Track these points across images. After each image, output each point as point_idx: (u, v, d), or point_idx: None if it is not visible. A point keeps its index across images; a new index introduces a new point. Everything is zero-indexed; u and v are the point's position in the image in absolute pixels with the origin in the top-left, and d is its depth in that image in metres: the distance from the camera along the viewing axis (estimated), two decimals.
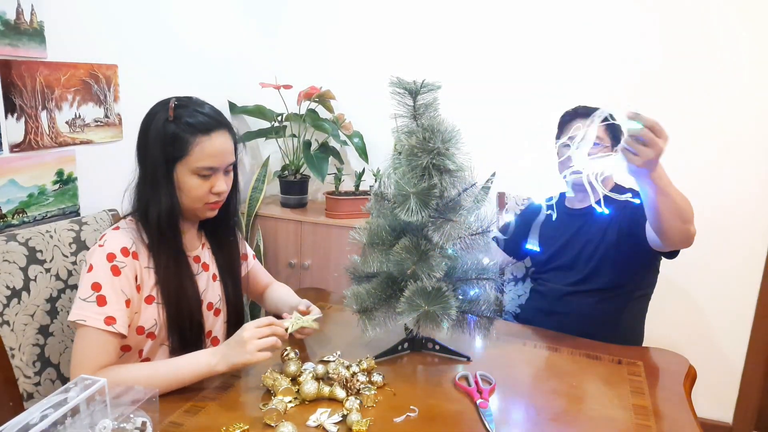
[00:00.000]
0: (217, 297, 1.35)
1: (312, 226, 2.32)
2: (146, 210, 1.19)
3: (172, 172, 1.17)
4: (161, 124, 1.17)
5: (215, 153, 1.18)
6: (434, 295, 1.12)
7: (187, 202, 1.21)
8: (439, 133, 1.12)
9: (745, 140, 2.07)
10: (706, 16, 2.05)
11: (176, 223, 1.21)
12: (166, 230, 1.19)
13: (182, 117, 1.17)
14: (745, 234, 2.13)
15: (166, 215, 1.18)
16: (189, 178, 1.18)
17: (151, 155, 1.17)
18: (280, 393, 1.08)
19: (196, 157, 1.16)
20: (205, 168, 1.18)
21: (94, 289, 1.11)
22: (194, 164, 1.17)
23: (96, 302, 1.10)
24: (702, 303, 2.21)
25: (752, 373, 2.20)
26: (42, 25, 1.55)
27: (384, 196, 1.21)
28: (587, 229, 1.64)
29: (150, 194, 1.18)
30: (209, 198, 1.21)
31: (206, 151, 1.17)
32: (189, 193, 1.19)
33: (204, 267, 1.33)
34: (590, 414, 1.09)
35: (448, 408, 1.09)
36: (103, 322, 1.09)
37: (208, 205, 1.23)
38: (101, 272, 1.12)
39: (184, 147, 1.16)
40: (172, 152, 1.16)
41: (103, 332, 1.10)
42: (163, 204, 1.17)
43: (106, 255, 1.14)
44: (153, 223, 1.18)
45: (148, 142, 1.18)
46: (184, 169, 1.17)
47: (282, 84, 2.37)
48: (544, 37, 2.25)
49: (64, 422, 0.83)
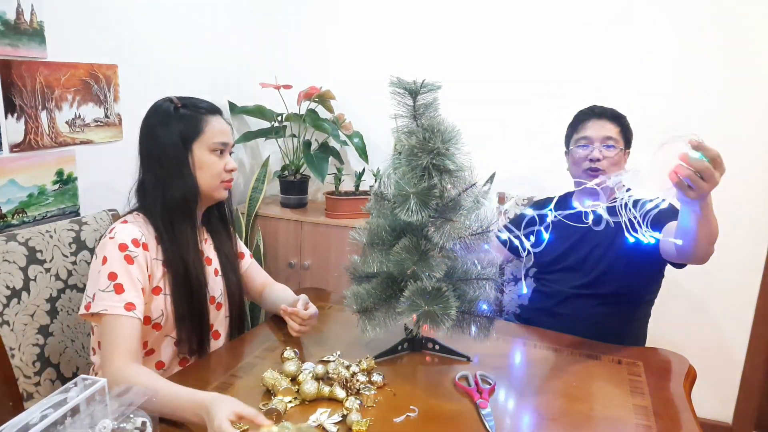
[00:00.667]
0: (219, 291, 1.37)
1: (312, 226, 2.32)
2: (164, 197, 1.23)
3: (189, 152, 1.25)
4: (170, 112, 1.25)
5: (224, 130, 1.29)
6: (434, 295, 1.12)
7: (206, 181, 1.27)
8: (439, 133, 1.12)
9: (746, 140, 2.07)
10: (707, 16, 2.05)
11: (197, 203, 1.28)
12: (190, 209, 1.26)
13: (187, 104, 1.27)
14: (745, 234, 2.12)
15: (191, 194, 1.25)
16: (207, 155, 1.26)
17: (166, 143, 1.23)
18: (280, 393, 1.08)
19: (211, 134, 1.26)
20: (220, 143, 1.27)
21: (110, 279, 1.14)
22: (210, 140, 1.26)
23: (114, 291, 1.13)
24: (702, 303, 2.21)
25: (752, 373, 2.20)
26: (42, 25, 1.55)
27: (384, 196, 1.21)
28: (596, 232, 1.62)
29: (168, 180, 1.23)
30: (224, 176, 1.29)
31: (217, 129, 1.27)
32: (209, 170, 1.27)
33: (207, 261, 1.35)
34: (590, 414, 1.09)
35: (448, 408, 1.09)
36: (124, 309, 1.12)
37: (223, 183, 1.30)
38: (116, 262, 1.15)
39: (199, 125, 1.25)
40: (188, 134, 1.24)
41: (126, 318, 1.12)
42: (187, 184, 1.24)
43: (119, 245, 1.16)
44: (176, 205, 1.23)
45: (156, 134, 1.24)
46: (202, 146, 1.26)
47: (282, 84, 2.37)
48: (544, 37, 2.25)
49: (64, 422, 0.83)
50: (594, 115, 1.65)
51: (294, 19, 2.60)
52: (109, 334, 1.11)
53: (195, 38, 2.20)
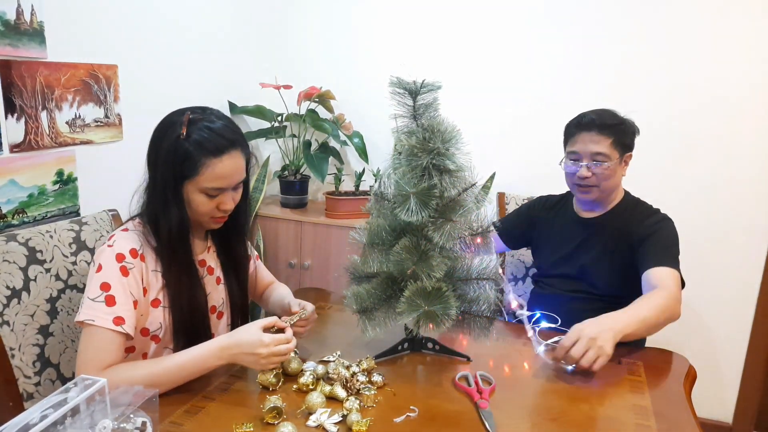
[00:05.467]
0: (221, 300, 1.35)
1: (312, 226, 2.32)
2: (156, 219, 1.19)
3: (180, 188, 1.17)
4: (173, 139, 1.15)
5: (225, 175, 1.17)
6: (434, 295, 1.12)
7: (192, 216, 1.21)
8: (439, 133, 1.12)
9: (746, 140, 2.07)
10: (704, 18, 2.05)
11: (186, 236, 1.21)
12: (177, 243, 1.19)
13: (193, 134, 1.15)
14: (745, 234, 2.13)
15: (177, 230, 1.18)
16: (197, 195, 1.18)
17: (162, 170, 1.17)
18: (272, 382, 1.11)
19: (205, 178, 1.16)
20: (213, 188, 1.17)
21: (103, 289, 1.11)
22: (203, 184, 1.16)
23: (105, 302, 1.10)
24: (702, 303, 2.21)
25: (752, 373, 2.20)
26: (42, 25, 1.55)
27: (384, 196, 1.21)
28: (595, 240, 1.61)
29: (160, 207, 1.18)
30: (215, 213, 1.22)
31: (216, 173, 1.16)
32: (196, 210, 1.19)
33: (209, 270, 1.32)
34: (590, 414, 1.09)
35: (448, 408, 1.09)
36: (112, 323, 1.09)
37: (214, 219, 1.23)
38: (110, 272, 1.12)
39: (194, 167, 1.15)
40: (182, 171, 1.15)
41: (111, 332, 1.10)
42: (173, 219, 1.17)
43: (116, 255, 1.14)
44: (163, 235, 1.18)
45: (159, 155, 1.17)
46: (193, 187, 1.17)
47: (282, 84, 2.38)
48: (544, 37, 2.25)
49: (64, 422, 0.83)
50: (582, 127, 1.56)
51: (294, 19, 2.60)
52: (91, 346, 1.09)
53: (195, 38, 2.20)
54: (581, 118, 1.58)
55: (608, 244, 1.58)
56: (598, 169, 1.52)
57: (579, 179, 1.55)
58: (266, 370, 1.12)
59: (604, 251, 1.58)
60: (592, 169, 1.53)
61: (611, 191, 1.59)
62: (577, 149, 1.55)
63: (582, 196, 1.59)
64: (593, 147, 1.52)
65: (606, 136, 1.52)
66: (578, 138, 1.56)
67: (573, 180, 1.58)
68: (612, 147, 1.52)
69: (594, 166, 1.52)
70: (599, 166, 1.52)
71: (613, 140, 1.53)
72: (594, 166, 1.52)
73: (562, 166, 1.62)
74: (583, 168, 1.53)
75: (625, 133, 1.56)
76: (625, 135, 1.55)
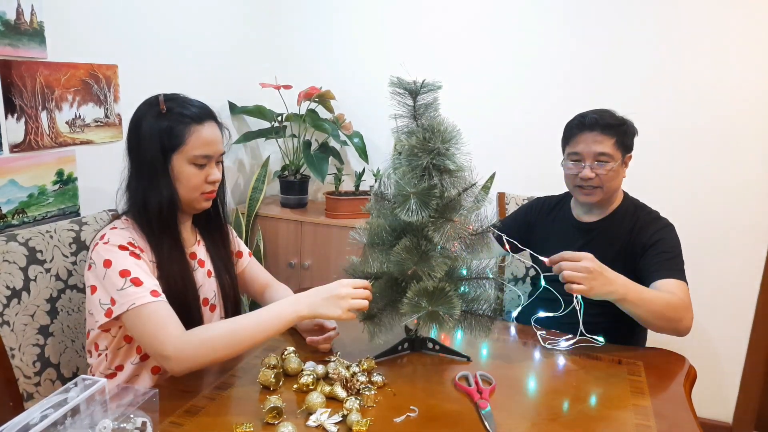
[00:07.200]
0: (213, 293, 1.36)
1: (312, 226, 2.32)
2: (144, 205, 1.20)
3: (168, 163, 1.20)
4: (154, 117, 1.20)
5: (209, 141, 1.22)
6: (437, 295, 1.12)
7: (184, 193, 1.23)
8: (439, 133, 1.12)
9: (746, 140, 2.08)
10: (704, 19, 2.05)
11: (175, 214, 1.23)
12: (168, 220, 1.22)
13: (173, 109, 1.21)
14: (745, 234, 2.13)
15: (167, 206, 1.20)
16: (186, 167, 1.21)
17: (147, 149, 1.20)
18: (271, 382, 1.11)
19: (192, 146, 1.20)
20: (201, 156, 1.21)
21: (124, 276, 1.12)
22: (191, 152, 1.20)
23: (133, 285, 1.11)
24: (702, 303, 2.20)
25: (752, 373, 2.20)
26: (42, 25, 1.55)
27: (384, 196, 1.21)
28: (594, 245, 1.59)
29: (147, 188, 1.20)
30: (205, 187, 1.24)
31: (201, 139, 1.20)
32: (187, 183, 1.22)
33: (200, 263, 1.34)
34: (590, 414, 1.09)
35: (448, 408, 1.09)
36: (151, 296, 1.11)
37: (204, 195, 1.26)
38: (123, 260, 1.14)
39: (180, 136, 1.19)
40: (169, 143, 1.19)
41: (156, 303, 1.11)
42: (163, 195, 1.20)
43: (118, 246, 1.15)
44: (154, 214, 1.20)
45: (141, 138, 1.20)
46: (181, 158, 1.20)
47: (282, 84, 2.38)
48: (544, 37, 2.25)
49: (64, 422, 0.83)
50: (585, 127, 1.53)
51: (294, 19, 2.60)
52: (150, 322, 1.09)
53: (195, 38, 2.20)
54: (582, 118, 1.56)
55: (608, 251, 1.55)
56: (601, 170, 1.50)
57: (582, 180, 1.53)
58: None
59: (603, 258, 1.57)
60: (596, 170, 1.51)
61: (613, 193, 1.58)
62: (580, 150, 1.53)
63: (584, 199, 1.57)
64: (596, 147, 1.51)
65: (609, 136, 1.51)
66: (580, 138, 1.54)
67: (575, 182, 1.56)
68: (615, 147, 1.51)
69: (597, 167, 1.51)
70: (603, 167, 1.50)
71: (615, 140, 1.51)
72: (597, 167, 1.51)
73: (563, 167, 1.62)
74: (587, 169, 1.51)
75: (626, 133, 1.55)
76: (626, 135, 1.54)
